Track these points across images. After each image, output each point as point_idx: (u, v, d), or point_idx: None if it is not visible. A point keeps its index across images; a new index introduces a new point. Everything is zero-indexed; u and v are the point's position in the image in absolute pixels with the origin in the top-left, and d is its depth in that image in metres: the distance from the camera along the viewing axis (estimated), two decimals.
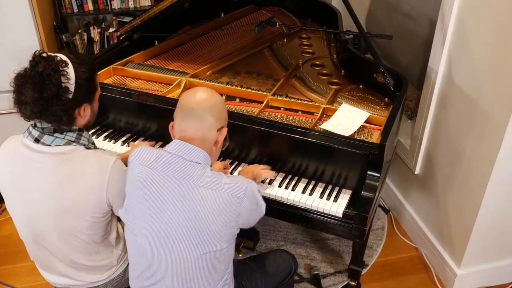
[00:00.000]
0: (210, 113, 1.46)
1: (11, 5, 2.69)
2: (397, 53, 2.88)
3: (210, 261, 1.45)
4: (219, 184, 1.41)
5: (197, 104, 1.46)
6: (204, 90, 1.52)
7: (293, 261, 1.90)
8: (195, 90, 1.53)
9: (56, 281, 1.68)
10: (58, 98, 1.42)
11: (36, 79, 1.39)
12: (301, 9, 3.05)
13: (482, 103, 1.99)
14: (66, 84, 1.43)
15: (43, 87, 1.39)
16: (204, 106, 1.46)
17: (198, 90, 1.52)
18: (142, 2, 3.65)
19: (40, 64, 1.41)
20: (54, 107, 1.41)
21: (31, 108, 1.41)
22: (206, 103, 1.48)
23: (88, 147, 1.53)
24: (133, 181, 1.47)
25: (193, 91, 1.53)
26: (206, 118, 1.46)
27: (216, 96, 1.53)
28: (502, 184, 2.04)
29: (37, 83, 1.39)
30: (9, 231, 2.69)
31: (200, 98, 1.48)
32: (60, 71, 1.42)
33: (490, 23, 1.89)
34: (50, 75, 1.40)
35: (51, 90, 1.40)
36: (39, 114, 1.42)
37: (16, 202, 1.53)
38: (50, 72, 1.40)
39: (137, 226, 1.47)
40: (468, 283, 2.37)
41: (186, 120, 1.47)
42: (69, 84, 1.44)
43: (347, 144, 1.85)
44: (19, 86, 1.42)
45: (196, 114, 1.45)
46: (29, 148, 1.47)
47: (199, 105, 1.46)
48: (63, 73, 1.43)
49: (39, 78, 1.39)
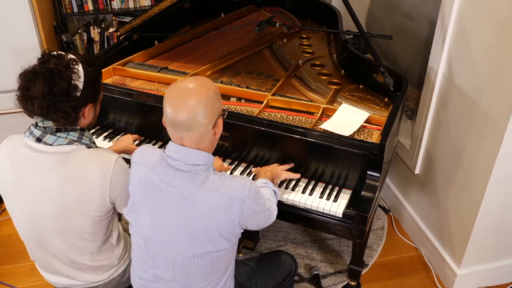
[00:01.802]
0: (203, 117, 1.37)
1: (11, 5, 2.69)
2: (397, 53, 2.88)
3: (211, 261, 1.45)
4: (221, 185, 1.40)
5: (187, 115, 1.35)
6: (189, 92, 1.37)
7: (293, 262, 1.89)
8: (179, 96, 1.37)
9: (56, 281, 1.68)
10: (68, 95, 1.43)
11: (46, 75, 1.40)
12: (301, 9, 3.05)
13: (482, 103, 1.99)
14: (76, 82, 1.44)
15: (53, 83, 1.40)
16: (194, 114, 1.35)
17: (184, 94, 1.37)
18: (142, 2, 3.65)
19: (51, 61, 1.42)
20: (64, 103, 1.42)
21: (40, 103, 1.40)
22: (196, 108, 1.35)
23: (90, 146, 1.54)
24: (136, 182, 1.47)
25: (177, 97, 1.37)
26: (200, 125, 1.38)
27: (204, 89, 1.38)
28: (502, 184, 2.04)
29: (47, 78, 1.40)
30: (9, 231, 2.69)
31: (189, 105, 1.35)
32: (71, 68, 1.44)
33: (490, 23, 1.89)
34: (61, 71, 1.41)
35: (61, 85, 1.41)
36: (46, 110, 1.42)
37: (16, 202, 1.53)
38: (61, 69, 1.41)
39: (140, 226, 1.47)
40: (468, 283, 2.37)
41: (178, 131, 1.39)
42: (79, 82, 1.46)
43: (347, 144, 1.85)
44: (26, 81, 1.42)
45: (188, 125, 1.37)
46: (30, 148, 1.47)
47: (188, 116, 1.35)
48: (74, 70, 1.44)
49: (49, 74, 1.40)
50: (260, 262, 1.84)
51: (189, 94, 1.37)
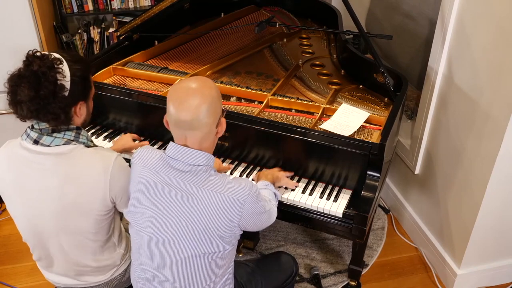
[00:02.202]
0: (208, 117, 1.38)
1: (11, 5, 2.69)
2: (397, 53, 2.88)
3: (211, 261, 1.45)
4: (222, 187, 1.40)
5: (191, 115, 1.35)
6: (193, 92, 1.37)
7: (294, 263, 1.89)
8: (183, 96, 1.37)
9: (58, 280, 1.68)
10: (55, 96, 1.40)
11: (31, 78, 1.38)
12: (301, 9, 3.05)
13: (482, 103, 1.99)
14: (61, 81, 1.42)
15: (39, 86, 1.38)
16: (198, 114, 1.36)
17: (187, 94, 1.37)
18: (142, 2, 3.65)
19: (35, 63, 1.39)
20: (52, 105, 1.40)
21: (28, 107, 1.39)
22: (200, 109, 1.36)
23: (88, 145, 1.53)
24: (136, 182, 1.47)
25: (181, 97, 1.37)
26: (205, 125, 1.39)
27: (206, 89, 1.39)
28: (502, 184, 2.04)
29: (32, 81, 1.38)
30: (9, 231, 2.69)
31: (194, 105, 1.35)
32: (55, 68, 1.41)
33: (490, 23, 1.89)
34: (45, 73, 1.39)
35: (47, 88, 1.39)
36: (36, 113, 1.41)
37: (17, 203, 1.53)
38: (45, 70, 1.39)
39: (140, 226, 1.48)
40: (468, 283, 2.37)
41: (182, 130, 1.40)
42: (65, 81, 1.43)
43: (347, 144, 1.85)
44: (13, 86, 1.41)
45: (192, 125, 1.38)
46: (28, 150, 1.47)
47: (193, 116, 1.35)
48: (58, 70, 1.42)
49: (34, 77, 1.38)
50: (260, 263, 1.84)
51: (193, 94, 1.37)
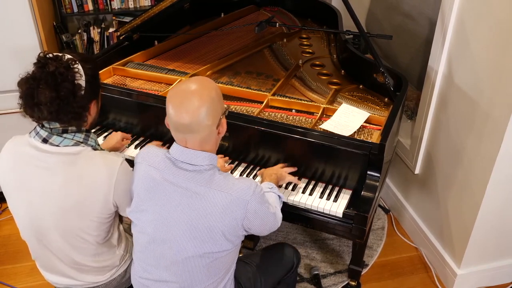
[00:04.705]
0: (207, 119, 1.37)
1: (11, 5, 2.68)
2: (397, 53, 2.88)
3: (213, 261, 1.45)
4: (226, 186, 1.40)
5: (190, 118, 1.35)
6: (192, 95, 1.36)
7: (295, 255, 1.88)
8: (182, 98, 1.36)
9: (57, 281, 1.67)
10: (75, 96, 1.42)
11: (48, 80, 1.38)
12: (301, 9, 3.05)
13: (482, 103, 1.99)
14: (79, 81, 1.44)
15: (58, 86, 1.39)
16: (197, 117, 1.35)
17: (186, 96, 1.36)
18: (142, 2, 3.65)
19: (50, 64, 1.40)
20: (72, 104, 1.41)
21: (48, 108, 1.39)
22: (199, 112, 1.35)
23: (95, 148, 1.54)
24: (140, 181, 1.48)
25: (180, 99, 1.36)
26: (204, 127, 1.38)
27: (205, 90, 1.38)
28: (502, 183, 2.04)
29: (50, 83, 1.38)
30: (9, 231, 2.69)
31: (192, 108, 1.34)
32: (72, 68, 1.42)
33: (490, 23, 1.89)
34: (63, 73, 1.39)
35: (67, 87, 1.40)
36: (56, 114, 1.41)
37: (19, 202, 1.53)
38: (63, 71, 1.39)
39: (143, 225, 1.48)
40: (468, 283, 2.37)
41: (182, 133, 1.40)
42: (82, 80, 1.45)
43: (347, 144, 1.84)
44: (29, 89, 1.40)
45: (192, 128, 1.37)
46: (36, 148, 1.47)
47: (192, 119, 1.35)
48: (75, 70, 1.43)
49: (51, 78, 1.38)
50: (260, 259, 1.83)
51: (192, 97, 1.36)
